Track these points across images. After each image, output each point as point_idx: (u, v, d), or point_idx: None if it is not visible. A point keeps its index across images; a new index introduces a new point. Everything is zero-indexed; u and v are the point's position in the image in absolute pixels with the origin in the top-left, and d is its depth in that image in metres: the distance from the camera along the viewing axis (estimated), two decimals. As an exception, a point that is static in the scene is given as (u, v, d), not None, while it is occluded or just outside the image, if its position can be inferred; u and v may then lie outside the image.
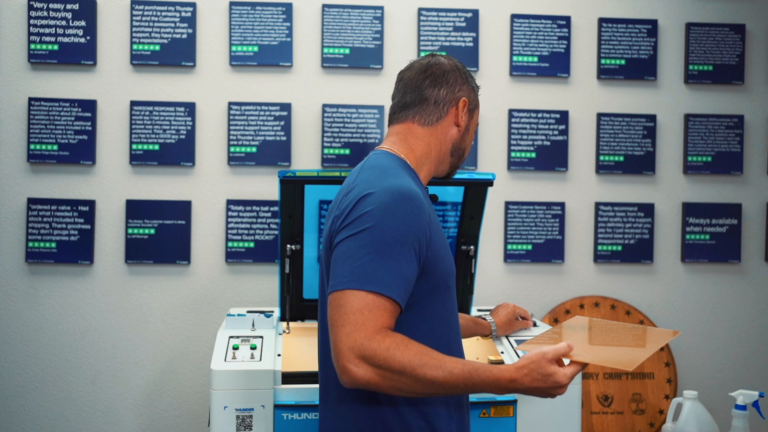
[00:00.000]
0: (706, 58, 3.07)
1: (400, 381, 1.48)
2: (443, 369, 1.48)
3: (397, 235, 1.51)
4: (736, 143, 3.09)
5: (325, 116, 2.90)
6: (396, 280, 1.51)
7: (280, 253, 2.47)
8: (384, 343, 1.47)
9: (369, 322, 1.48)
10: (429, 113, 1.73)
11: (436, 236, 1.61)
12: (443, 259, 1.63)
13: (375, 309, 1.49)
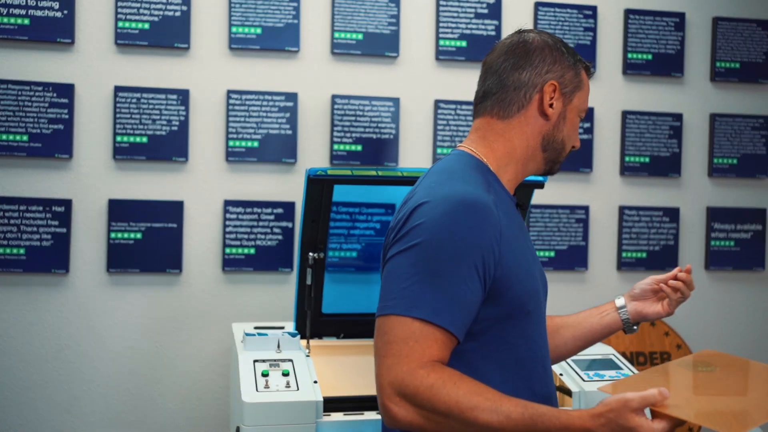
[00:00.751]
0: (733, 54, 2.92)
1: (446, 425, 1.26)
2: (499, 413, 1.23)
3: (453, 252, 1.29)
4: (762, 145, 2.95)
5: (335, 108, 2.61)
6: (450, 306, 1.29)
7: (300, 261, 2.16)
8: (428, 379, 1.26)
9: (414, 354, 1.27)
10: (508, 103, 1.44)
11: (510, 252, 1.35)
12: (520, 280, 1.36)
13: (422, 339, 1.27)
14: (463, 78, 2.71)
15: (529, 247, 1.45)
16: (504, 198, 1.41)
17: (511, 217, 1.40)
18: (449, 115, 2.69)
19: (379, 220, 2.53)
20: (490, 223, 1.32)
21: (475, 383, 1.27)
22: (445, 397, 1.24)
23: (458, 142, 2.70)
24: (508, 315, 1.36)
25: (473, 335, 1.35)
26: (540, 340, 1.44)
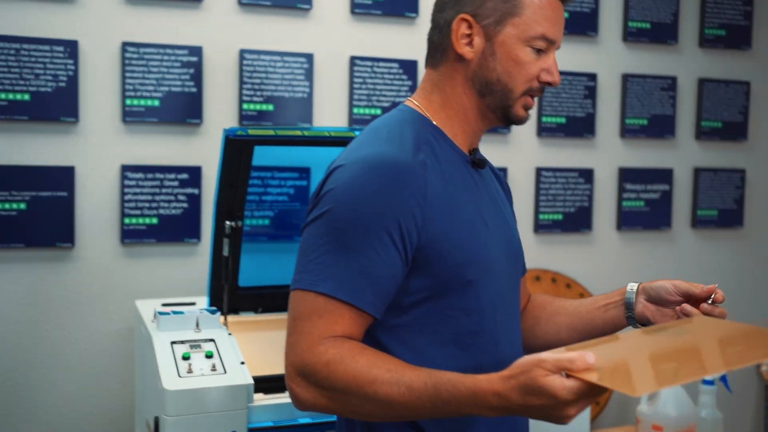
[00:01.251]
0: (644, 14, 2.91)
1: (348, 402, 1.15)
2: (400, 384, 1.11)
3: (362, 221, 1.17)
4: (670, 105, 2.97)
5: (244, 64, 2.39)
6: (357, 279, 1.16)
7: (215, 231, 1.97)
8: (326, 355, 1.15)
9: (315, 331, 1.16)
10: (435, 49, 1.31)
11: (442, 217, 1.21)
12: (456, 247, 1.22)
13: (326, 315, 1.16)
14: (380, 34, 2.56)
15: (483, 209, 1.29)
16: (449, 156, 1.27)
17: (456, 178, 1.27)
18: (365, 72, 2.54)
19: (293, 185, 2.36)
20: (408, 186, 1.18)
21: (377, 355, 1.15)
22: (342, 373, 1.13)
23: (375, 101, 2.56)
24: (444, 286, 1.23)
25: (405, 309, 1.23)
26: (490, 312, 1.28)
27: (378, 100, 2.55)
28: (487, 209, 1.31)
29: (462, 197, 1.26)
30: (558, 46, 1.30)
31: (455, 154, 1.29)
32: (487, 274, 1.27)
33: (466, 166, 1.30)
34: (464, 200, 1.26)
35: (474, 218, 1.27)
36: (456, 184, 1.26)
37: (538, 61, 1.27)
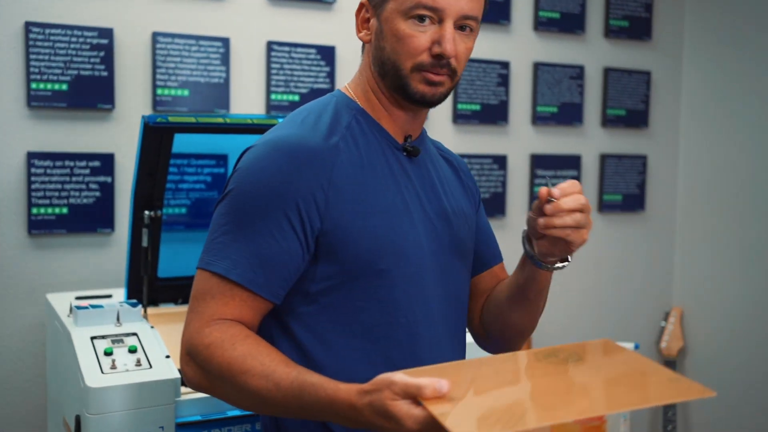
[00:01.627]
0: (554, 4, 2.99)
1: (222, 388, 1.15)
2: (269, 379, 1.10)
3: (260, 202, 1.17)
4: (578, 94, 3.07)
5: (157, 48, 2.31)
6: (251, 261, 1.16)
7: (133, 221, 1.91)
8: (209, 338, 1.15)
9: (207, 311, 1.17)
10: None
11: (351, 203, 1.19)
12: (364, 235, 1.20)
13: (219, 295, 1.17)
14: (297, 19, 2.52)
15: (408, 198, 1.26)
16: (372, 141, 1.26)
17: (376, 164, 1.24)
18: (283, 58, 2.50)
19: (210, 173, 2.31)
20: (311, 168, 1.17)
21: (257, 346, 1.13)
22: (218, 358, 1.13)
23: (293, 87, 2.53)
24: (354, 274, 1.20)
25: (313, 296, 1.22)
26: (406, 304, 1.24)
27: (296, 86, 2.52)
28: (413, 198, 1.27)
29: (380, 183, 1.24)
30: (449, 15, 1.20)
31: (382, 139, 1.27)
32: (405, 264, 1.23)
33: (394, 153, 1.28)
34: (382, 187, 1.24)
35: (391, 206, 1.24)
36: (375, 170, 1.24)
37: (425, 33, 1.20)
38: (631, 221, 3.28)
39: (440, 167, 1.38)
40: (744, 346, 3.18)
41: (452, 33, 1.20)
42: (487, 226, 1.47)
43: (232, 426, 1.61)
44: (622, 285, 3.29)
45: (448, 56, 1.20)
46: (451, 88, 1.26)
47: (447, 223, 1.32)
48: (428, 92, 1.23)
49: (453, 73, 1.24)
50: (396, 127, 1.29)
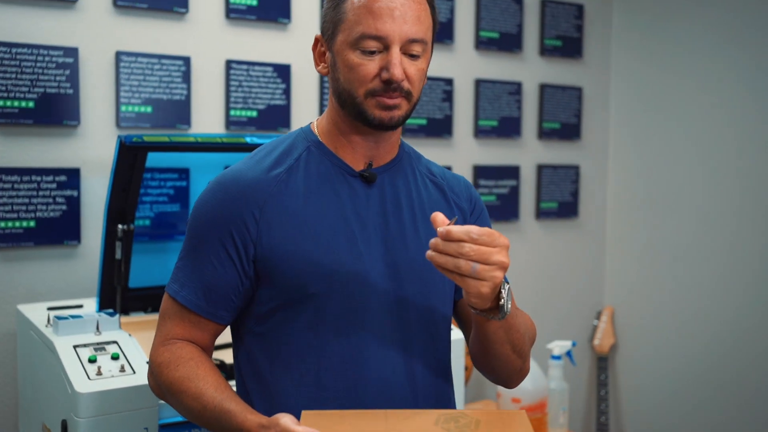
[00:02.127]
0: (493, 25, 3.18)
1: (171, 402, 1.33)
2: (199, 401, 1.25)
3: (200, 231, 1.31)
4: (516, 108, 3.28)
5: (121, 66, 2.40)
6: (193, 284, 1.30)
7: (107, 234, 2.01)
8: (162, 357, 1.32)
9: (163, 330, 1.34)
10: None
11: (283, 230, 1.27)
12: (296, 260, 1.27)
13: (173, 316, 1.33)
14: (254, 38, 2.65)
15: (354, 223, 1.30)
16: (323, 170, 1.32)
17: (323, 191, 1.31)
18: (242, 76, 2.62)
19: (173, 186, 2.42)
20: (243, 200, 1.28)
21: (198, 369, 1.27)
22: (165, 377, 1.29)
23: (251, 103, 2.65)
24: (288, 298, 1.29)
25: (262, 318, 1.32)
26: (340, 327, 1.28)
27: (254, 102, 2.64)
28: (361, 223, 1.31)
29: (322, 210, 1.29)
30: (395, 41, 1.24)
31: (334, 167, 1.33)
32: (338, 288, 1.27)
33: (347, 179, 1.33)
34: (323, 213, 1.29)
35: (330, 231, 1.28)
36: (320, 197, 1.30)
37: (373, 61, 1.25)
38: (565, 227, 3.50)
39: (416, 191, 1.38)
40: (670, 341, 3.44)
41: (398, 58, 1.25)
42: None
43: (211, 426, 1.72)
44: (558, 287, 3.51)
45: (397, 80, 1.25)
46: (409, 109, 1.30)
47: (402, 246, 1.33)
48: (385, 117, 1.28)
49: (408, 95, 1.28)
50: (356, 154, 1.35)
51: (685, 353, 3.37)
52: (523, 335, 1.33)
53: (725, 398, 3.20)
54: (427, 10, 1.30)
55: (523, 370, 1.38)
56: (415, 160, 1.44)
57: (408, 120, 2.92)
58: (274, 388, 1.30)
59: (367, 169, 1.35)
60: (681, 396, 3.38)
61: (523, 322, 1.35)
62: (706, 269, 3.27)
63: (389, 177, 1.37)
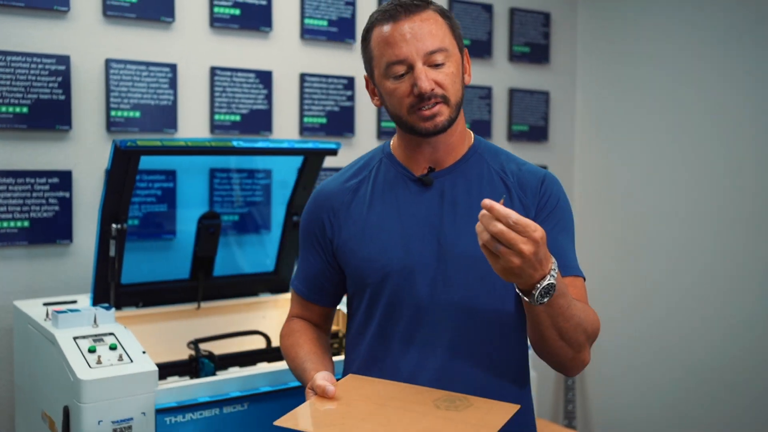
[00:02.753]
0: (464, 32, 3.34)
1: (286, 362, 1.67)
2: (294, 361, 1.60)
3: (301, 234, 1.66)
4: (487, 112, 3.43)
5: (110, 73, 2.52)
6: (298, 274, 1.69)
7: (101, 233, 2.13)
8: (283, 329, 1.72)
9: (289, 311, 1.75)
10: None
11: (352, 227, 1.53)
12: (357, 252, 1.51)
13: (293, 300, 1.73)
14: (237, 46, 2.77)
15: (406, 221, 1.48)
16: (391, 177, 1.53)
17: (387, 195, 1.51)
18: (225, 81, 2.75)
19: (160, 187, 2.54)
20: (323, 208, 1.58)
21: (299, 339, 1.63)
22: (282, 343, 1.68)
23: (234, 108, 2.78)
24: (355, 286, 1.56)
25: (350, 298, 1.62)
26: (390, 313, 1.49)
27: (237, 107, 2.77)
28: (418, 223, 1.48)
29: (383, 213, 1.50)
30: (416, 58, 1.39)
31: (398, 174, 1.53)
32: (390, 280, 1.47)
33: (407, 183, 1.51)
34: (383, 216, 1.50)
35: (386, 232, 1.49)
36: (384, 202, 1.51)
37: (405, 82, 1.42)
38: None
39: (478, 189, 1.49)
40: (636, 333, 3.61)
41: (423, 72, 1.40)
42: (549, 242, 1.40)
43: (203, 410, 1.85)
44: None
45: (425, 92, 1.40)
46: (452, 111, 1.44)
47: (455, 241, 1.46)
48: (429, 126, 1.43)
49: (445, 99, 1.42)
50: (418, 161, 1.52)
51: (651, 344, 3.55)
52: (574, 325, 1.34)
53: (689, 387, 3.39)
54: (438, 21, 1.44)
55: (576, 359, 1.40)
56: (489, 159, 1.54)
57: (383, 123, 3.06)
58: (347, 356, 1.64)
59: (426, 174, 1.50)
60: (645, 385, 3.56)
61: (577, 314, 1.34)
62: (675, 265, 3.45)
63: (450, 179, 1.51)
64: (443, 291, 1.47)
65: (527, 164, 1.57)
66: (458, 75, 1.46)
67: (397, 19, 1.43)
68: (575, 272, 1.47)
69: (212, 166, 2.59)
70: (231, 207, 2.63)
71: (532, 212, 1.49)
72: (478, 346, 1.48)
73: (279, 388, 1.95)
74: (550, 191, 1.52)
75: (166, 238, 2.53)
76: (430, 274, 1.47)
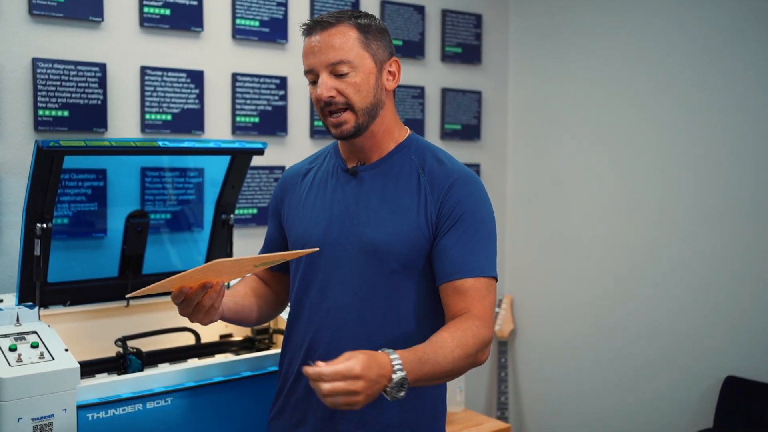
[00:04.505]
0: (397, 34, 3.40)
1: None
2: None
3: (269, 205, 2.04)
4: (420, 111, 3.50)
5: (38, 72, 2.52)
6: (265, 241, 1.92)
7: (26, 232, 2.14)
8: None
9: None
10: None
11: (292, 205, 1.78)
12: (291, 232, 1.77)
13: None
14: (168, 46, 2.79)
15: (334, 204, 1.67)
16: (331, 166, 1.74)
17: (324, 180, 1.73)
18: (156, 81, 2.77)
19: (90, 186, 2.55)
20: (281, 184, 1.85)
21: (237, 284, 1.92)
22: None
23: (165, 108, 2.80)
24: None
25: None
26: (308, 284, 1.70)
27: (168, 106, 2.80)
28: (338, 206, 1.67)
29: (318, 195, 1.72)
30: (320, 68, 1.58)
31: (336, 164, 1.74)
32: (309, 255, 1.66)
33: (339, 172, 1.72)
34: (317, 197, 1.72)
35: (316, 211, 1.71)
36: (321, 186, 1.73)
37: (316, 88, 1.61)
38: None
39: (394, 184, 1.64)
40: (563, 327, 3.73)
41: (324, 80, 1.59)
42: (448, 245, 1.59)
43: (126, 405, 1.89)
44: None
45: (324, 99, 1.59)
46: (359, 118, 1.60)
47: (366, 227, 1.63)
48: (337, 132, 1.63)
49: (348, 107, 1.60)
50: (351, 156, 1.71)
51: (577, 338, 3.66)
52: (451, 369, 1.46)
53: (615, 379, 3.51)
54: (347, 35, 1.59)
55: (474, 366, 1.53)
56: (414, 156, 1.68)
57: (317, 122, 3.10)
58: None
59: (353, 167, 1.69)
60: (573, 377, 3.68)
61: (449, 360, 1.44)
62: (605, 260, 3.57)
63: (372, 173, 1.68)
64: (346, 272, 1.65)
65: (450, 163, 1.68)
66: (366, 84, 1.60)
67: (311, 33, 1.63)
68: (477, 273, 1.57)
69: (143, 165, 2.61)
70: (163, 205, 2.65)
71: (434, 211, 1.61)
72: (375, 331, 1.63)
73: (203, 383, 1.99)
74: (457, 196, 1.61)
75: (97, 236, 2.54)
76: (337, 254, 1.65)
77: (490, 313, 1.57)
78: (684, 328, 3.21)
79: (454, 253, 1.58)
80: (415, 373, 1.37)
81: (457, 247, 1.58)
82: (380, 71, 1.63)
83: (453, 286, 1.57)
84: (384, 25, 1.67)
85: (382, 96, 1.64)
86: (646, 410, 3.36)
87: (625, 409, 3.45)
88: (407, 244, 1.61)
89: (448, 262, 1.58)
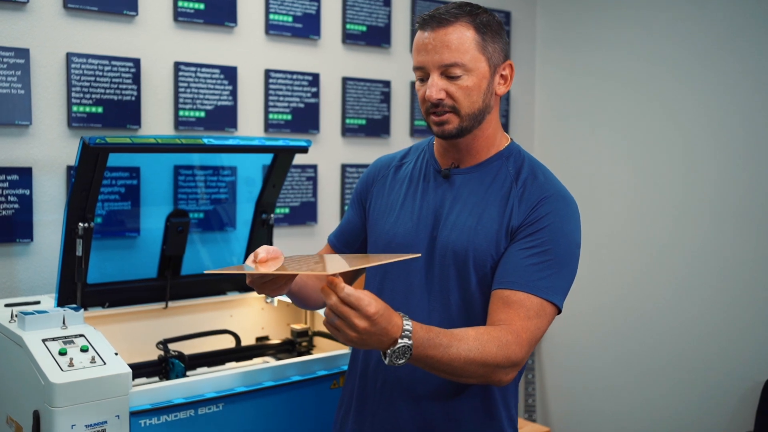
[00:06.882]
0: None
1: None
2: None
3: (354, 191, 1.82)
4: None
5: (72, 67, 2.45)
6: (338, 227, 1.84)
7: (67, 232, 2.07)
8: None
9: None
10: None
11: (379, 199, 1.71)
12: (376, 227, 1.70)
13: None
14: (202, 41, 2.73)
15: (420, 204, 1.62)
16: (422, 165, 1.68)
17: (413, 178, 1.67)
18: (190, 77, 2.70)
19: (123, 184, 2.49)
20: (371, 172, 1.78)
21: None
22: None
23: (198, 104, 2.73)
24: (372, 250, 1.71)
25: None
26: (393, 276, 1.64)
27: (202, 103, 2.73)
28: (425, 207, 1.62)
29: (406, 192, 1.67)
30: (432, 68, 1.50)
31: (429, 164, 1.68)
32: (393, 250, 1.63)
33: (433, 173, 1.66)
34: (404, 194, 1.67)
35: (401, 209, 1.66)
36: (411, 183, 1.68)
37: (424, 86, 1.55)
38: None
39: (485, 192, 1.58)
40: (592, 330, 3.68)
41: (435, 81, 1.51)
42: (513, 252, 1.52)
43: (178, 411, 1.82)
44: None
45: (432, 101, 1.52)
46: (462, 121, 1.54)
47: (449, 231, 1.58)
48: (438, 130, 1.57)
49: (454, 110, 1.53)
50: (446, 157, 1.65)
51: (605, 341, 3.62)
52: (459, 368, 1.38)
53: (648, 382, 3.47)
54: (463, 36, 1.51)
55: (488, 381, 1.45)
56: (511, 165, 1.61)
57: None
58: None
59: (447, 169, 1.64)
60: (601, 380, 3.64)
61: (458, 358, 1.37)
62: (630, 260, 3.53)
63: (465, 178, 1.62)
64: (423, 275, 1.61)
65: (546, 179, 1.59)
66: (477, 88, 1.53)
67: (425, 29, 1.54)
68: (532, 291, 1.47)
69: (177, 163, 2.55)
70: (196, 204, 2.59)
71: (516, 223, 1.54)
72: (442, 313, 1.59)
73: (253, 388, 1.93)
74: (543, 211, 1.53)
75: (130, 236, 2.48)
76: (422, 251, 1.60)
77: (529, 335, 1.45)
78: (724, 330, 3.17)
79: (517, 262, 1.49)
80: (420, 349, 1.33)
81: (523, 257, 1.50)
82: (493, 75, 1.55)
83: (502, 294, 1.48)
84: (501, 23, 1.58)
85: (490, 101, 1.56)
86: (683, 413, 3.32)
87: (660, 412, 3.41)
88: (484, 258, 1.54)
89: (507, 269, 1.50)
